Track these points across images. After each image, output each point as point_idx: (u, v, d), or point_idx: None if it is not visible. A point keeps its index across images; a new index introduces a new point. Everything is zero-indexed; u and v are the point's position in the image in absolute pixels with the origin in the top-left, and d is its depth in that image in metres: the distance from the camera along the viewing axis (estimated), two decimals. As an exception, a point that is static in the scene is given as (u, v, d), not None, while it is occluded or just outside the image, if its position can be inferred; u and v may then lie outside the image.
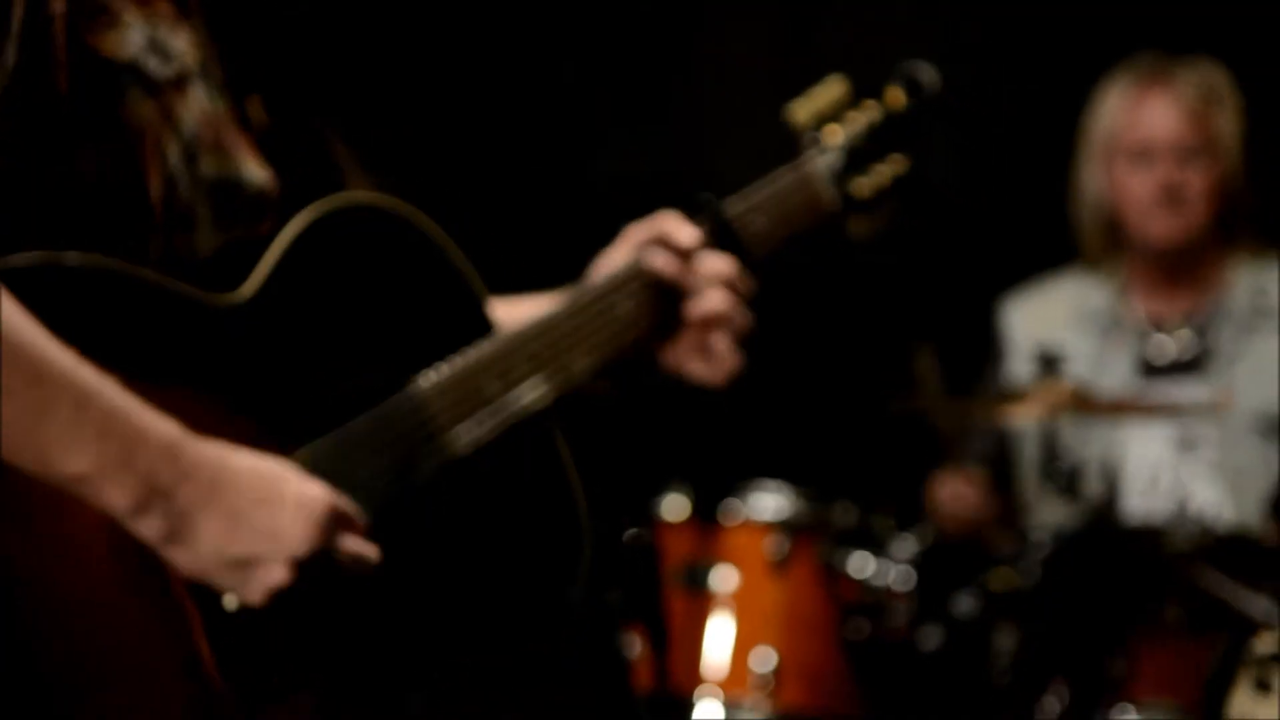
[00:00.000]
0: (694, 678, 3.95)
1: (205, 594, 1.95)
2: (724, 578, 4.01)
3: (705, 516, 4.05)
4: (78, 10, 2.01)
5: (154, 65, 2.07)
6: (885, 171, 2.54)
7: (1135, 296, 4.56)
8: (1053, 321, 4.55)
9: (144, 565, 1.93)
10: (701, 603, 3.99)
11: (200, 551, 1.89)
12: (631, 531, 3.65)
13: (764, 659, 3.94)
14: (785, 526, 4.02)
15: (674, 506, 4.08)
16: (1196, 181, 4.42)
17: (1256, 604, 3.51)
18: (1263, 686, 2.96)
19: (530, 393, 2.22)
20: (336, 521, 1.97)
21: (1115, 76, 4.53)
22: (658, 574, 3.65)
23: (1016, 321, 4.62)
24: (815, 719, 3.96)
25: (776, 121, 5.09)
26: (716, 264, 2.36)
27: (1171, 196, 4.41)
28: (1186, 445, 4.40)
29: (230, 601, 1.96)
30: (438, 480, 2.13)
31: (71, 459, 1.83)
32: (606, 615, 3.78)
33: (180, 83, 2.10)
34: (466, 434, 2.16)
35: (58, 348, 1.83)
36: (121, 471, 1.84)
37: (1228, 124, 4.46)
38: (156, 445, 1.86)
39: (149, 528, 1.88)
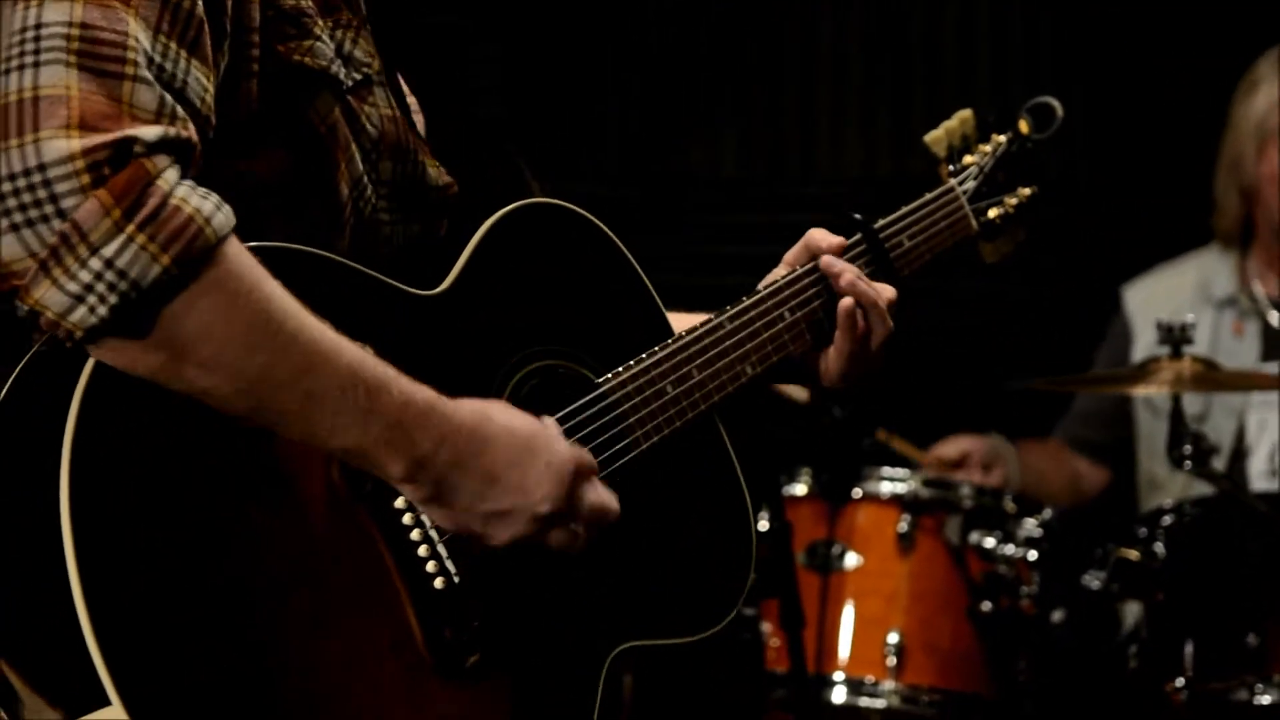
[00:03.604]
0: (822, 657, 3.97)
1: (415, 573, 2.05)
2: (850, 558, 4.04)
3: (830, 497, 4.07)
4: (274, 21, 2.08)
5: (342, 73, 2.15)
6: (1015, 199, 2.67)
7: (1258, 279, 4.56)
8: (1175, 302, 4.56)
9: (359, 543, 2.03)
10: (828, 582, 4.01)
11: (457, 509, 2.03)
12: (765, 515, 3.69)
13: (892, 638, 3.96)
14: (909, 505, 4.05)
15: (800, 488, 4.12)
16: None
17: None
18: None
19: (704, 397, 2.30)
20: (581, 477, 2.08)
21: (1270, 61, 4.49)
22: (791, 555, 3.68)
23: (1138, 304, 4.64)
24: (944, 697, 3.97)
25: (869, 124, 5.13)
26: (886, 292, 2.43)
27: None
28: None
29: (439, 582, 2.06)
30: (624, 473, 2.21)
31: (340, 438, 1.95)
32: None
33: (365, 88, 2.17)
34: (649, 431, 2.25)
35: (321, 330, 1.93)
36: (387, 447, 1.96)
37: None
38: (415, 417, 1.97)
39: (414, 492, 2.01)
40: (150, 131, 1.84)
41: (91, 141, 1.81)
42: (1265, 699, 3.66)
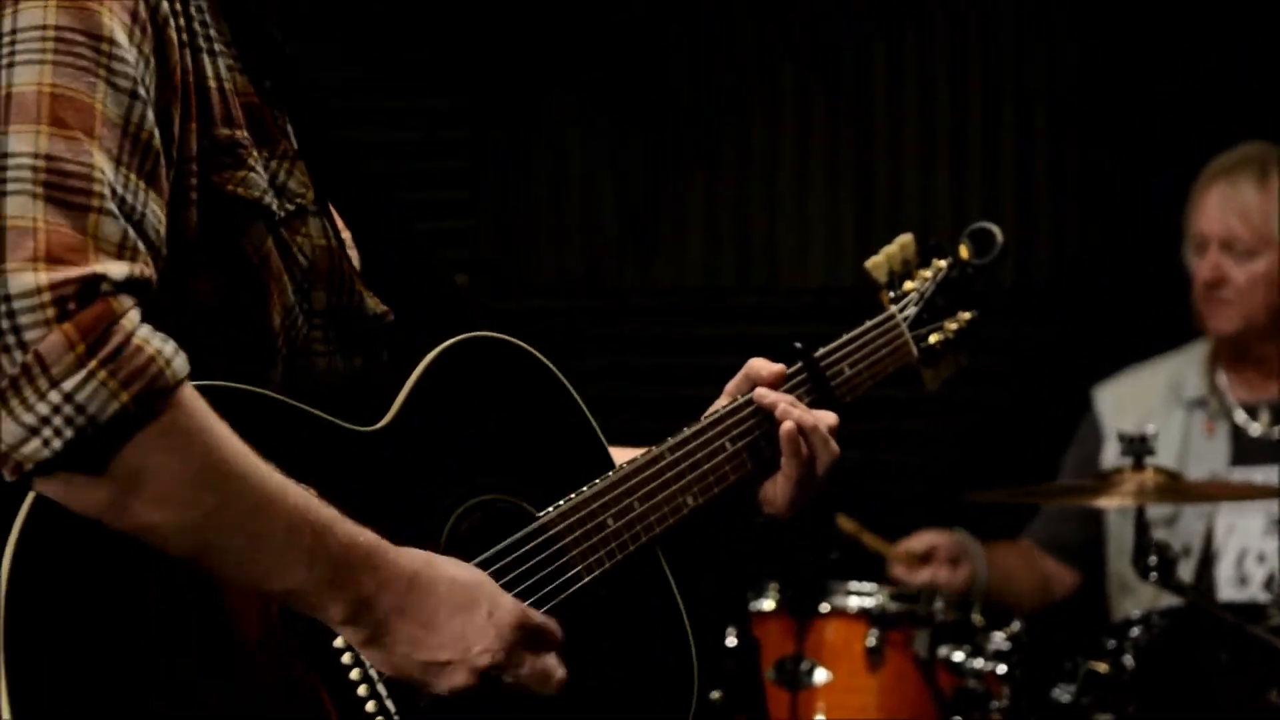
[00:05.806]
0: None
1: (354, 713, 2.02)
2: (819, 673, 4.01)
3: (797, 612, 4.05)
4: (210, 151, 2.08)
5: (275, 203, 2.15)
6: (955, 324, 2.66)
7: (1224, 381, 4.57)
8: (1146, 403, 4.56)
9: (299, 684, 2.01)
10: (797, 699, 3.98)
11: (395, 653, 2.01)
12: (733, 631, 3.66)
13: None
14: (877, 619, 4.02)
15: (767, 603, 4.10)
16: (1239, 276, 4.43)
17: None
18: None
19: (645, 529, 2.29)
20: (526, 637, 2.07)
21: (1210, 168, 4.54)
22: (759, 672, 3.65)
23: (1109, 405, 4.64)
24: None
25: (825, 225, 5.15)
26: (826, 417, 2.42)
27: (1210, 288, 4.43)
28: (1280, 527, 4.39)
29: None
30: (566, 607, 2.20)
31: (282, 580, 1.95)
32: (710, 715, 3.79)
33: (298, 218, 2.18)
34: (590, 565, 2.24)
35: (267, 472, 1.93)
36: (330, 589, 1.96)
37: None
38: (360, 559, 1.97)
39: (354, 635, 2.00)
40: (118, 270, 1.86)
41: (58, 276, 1.82)
42: (1237, 812, 3.64)
